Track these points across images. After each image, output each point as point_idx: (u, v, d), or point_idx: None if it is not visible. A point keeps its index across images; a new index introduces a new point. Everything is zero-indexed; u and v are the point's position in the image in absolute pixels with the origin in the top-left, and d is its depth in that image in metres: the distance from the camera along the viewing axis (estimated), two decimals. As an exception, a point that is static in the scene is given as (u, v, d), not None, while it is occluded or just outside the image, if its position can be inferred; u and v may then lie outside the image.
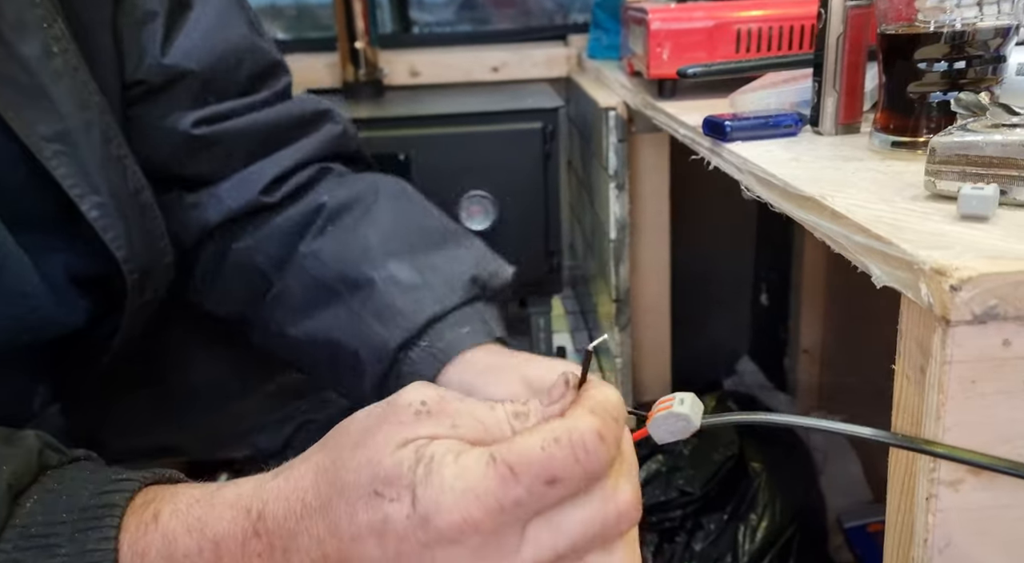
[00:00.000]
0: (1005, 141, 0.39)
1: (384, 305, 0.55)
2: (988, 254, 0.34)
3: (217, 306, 0.66)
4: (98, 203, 0.49)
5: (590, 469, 0.30)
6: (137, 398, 0.68)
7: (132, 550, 0.34)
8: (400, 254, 0.57)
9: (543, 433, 0.30)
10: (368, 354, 0.55)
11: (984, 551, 0.36)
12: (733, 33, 0.79)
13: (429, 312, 0.54)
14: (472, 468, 0.30)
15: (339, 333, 0.56)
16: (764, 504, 1.08)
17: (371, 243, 0.57)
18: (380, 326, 0.54)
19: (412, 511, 0.30)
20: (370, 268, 0.56)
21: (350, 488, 0.31)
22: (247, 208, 0.61)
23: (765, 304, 1.49)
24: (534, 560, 0.30)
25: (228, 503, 0.34)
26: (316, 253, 0.59)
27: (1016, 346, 0.33)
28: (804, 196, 0.46)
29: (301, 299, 0.59)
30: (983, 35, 0.48)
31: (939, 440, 0.34)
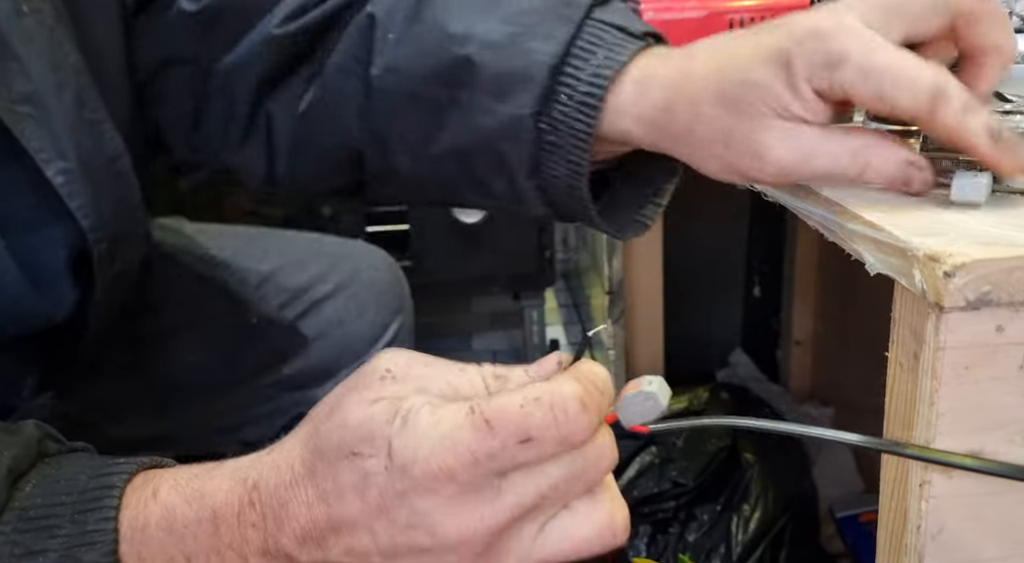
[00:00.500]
0: (998, 128, 0.38)
1: (492, 77, 0.46)
2: (982, 240, 0.33)
3: (315, 185, 0.59)
4: (64, 169, 0.48)
5: (566, 433, 0.30)
6: (126, 387, 0.68)
7: (132, 525, 0.34)
8: (483, 13, 0.48)
9: (525, 392, 0.30)
10: (504, 140, 0.46)
11: (977, 537, 0.36)
12: (725, 23, 0.79)
13: (545, 57, 0.44)
14: (449, 418, 0.30)
15: (461, 139, 0.48)
16: (757, 495, 1.08)
17: (445, 21, 0.48)
18: (501, 103, 0.46)
19: (389, 462, 0.30)
20: (459, 47, 0.47)
21: (328, 452, 0.32)
22: (272, 55, 0.53)
23: (758, 296, 1.50)
24: (516, 505, 0.31)
25: (226, 474, 0.35)
26: (392, 68, 0.49)
27: (1009, 332, 0.33)
28: (797, 184, 0.46)
29: (402, 131, 0.50)
30: (976, 23, 0.48)
31: (932, 426, 0.35)
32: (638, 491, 1.09)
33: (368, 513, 0.31)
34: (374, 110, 0.51)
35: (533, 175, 0.47)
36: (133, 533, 0.34)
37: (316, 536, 0.33)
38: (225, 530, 0.34)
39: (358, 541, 0.32)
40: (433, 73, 0.48)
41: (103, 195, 0.51)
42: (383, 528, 0.32)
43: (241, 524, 0.34)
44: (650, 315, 1.17)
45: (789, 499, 1.10)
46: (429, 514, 0.31)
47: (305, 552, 0.33)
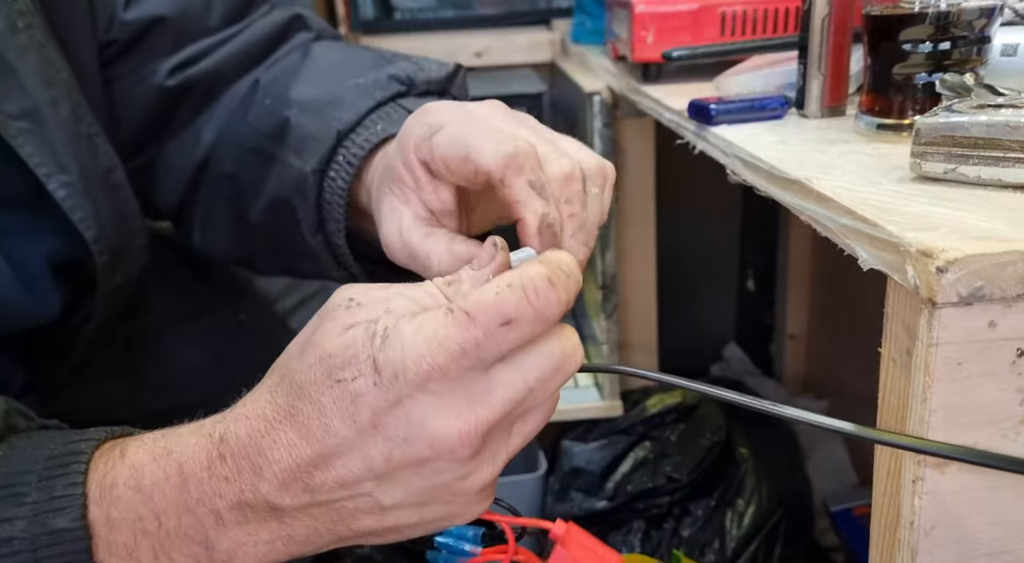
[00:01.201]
0: (990, 122, 0.38)
1: (298, 138, 0.51)
2: (974, 235, 0.33)
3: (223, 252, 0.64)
4: (66, 182, 0.48)
5: (541, 310, 0.31)
6: (114, 387, 0.67)
7: (100, 486, 0.34)
8: (317, 88, 0.53)
9: (496, 281, 0.32)
10: (295, 195, 0.51)
11: (970, 533, 0.36)
12: (718, 16, 0.78)
13: (338, 124, 0.50)
14: (429, 321, 0.31)
15: (274, 191, 0.53)
16: (751, 489, 1.08)
17: (292, 90, 0.54)
18: (297, 159, 0.51)
19: (378, 378, 0.31)
20: (286, 109, 0.53)
21: (309, 387, 0.32)
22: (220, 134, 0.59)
23: (751, 290, 1.49)
24: (506, 398, 0.32)
25: (191, 430, 0.35)
26: (250, 124, 0.56)
27: (1002, 327, 0.33)
28: (790, 179, 0.46)
29: (249, 180, 0.56)
30: (968, 16, 0.47)
31: (925, 422, 0.34)
32: (632, 486, 1.09)
33: (360, 435, 0.31)
34: (239, 159, 0.56)
35: (318, 231, 0.51)
36: (102, 493, 0.34)
37: (301, 476, 0.32)
38: (194, 485, 0.33)
39: (349, 470, 0.32)
40: (268, 131, 0.54)
41: (103, 207, 0.51)
42: (377, 448, 0.32)
43: (212, 478, 0.33)
44: (643, 309, 1.17)
45: (783, 493, 1.10)
46: (425, 420, 0.31)
47: (289, 496, 0.33)
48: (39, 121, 0.47)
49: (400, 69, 0.52)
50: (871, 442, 0.35)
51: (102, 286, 0.52)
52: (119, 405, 0.70)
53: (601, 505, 1.09)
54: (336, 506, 0.33)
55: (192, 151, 0.59)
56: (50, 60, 0.49)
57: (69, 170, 0.48)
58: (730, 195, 1.39)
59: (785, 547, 1.07)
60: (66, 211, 0.48)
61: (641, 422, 1.14)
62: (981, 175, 0.39)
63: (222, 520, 0.34)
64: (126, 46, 0.57)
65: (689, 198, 1.34)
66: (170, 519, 0.34)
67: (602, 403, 1.12)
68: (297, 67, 0.56)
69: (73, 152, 0.49)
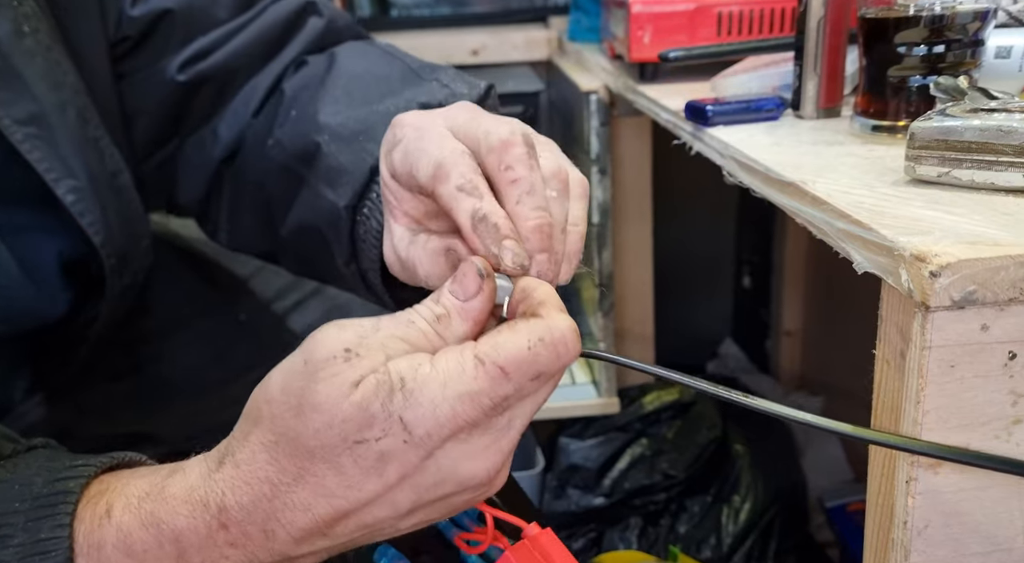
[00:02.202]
0: (983, 126, 0.39)
1: (329, 168, 0.50)
2: (967, 240, 0.34)
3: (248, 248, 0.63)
4: (74, 187, 0.48)
5: (567, 362, 0.32)
6: (117, 387, 0.67)
7: (87, 541, 0.33)
8: (347, 110, 0.52)
9: (527, 333, 0.32)
10: (327, 226, 0.51)
11: (962, 532, 0.36)
12: (714, 16, 0.79)
13: (372, 159, 0.48)
14: (458, 373, 0.31)
15: (303, 215, 0.53)
16: (747, 486, 1.09)
17: (320, 109, 0.53)
18: (330, 191, 0.50)
19: (408, 436, 0.30)
20: (316, 134, 0.52)
21: (322, 451, 0.31)
22: (242, 136, 0.58)
23: (747, 287, 1.50)
24: (524, 424, 0.33)
25: (181, 498, 0.33)
26: (279, 141, 0.55)
27: (994, 330, 0.33)
28: (785, 181, 0.46)
29: (279, 196, 0.55)
30: (962, 19, 0.48)
31: (918, 424, 0.35)
32: (629, 483, 1.10)
33: (389, 488, 0.31)
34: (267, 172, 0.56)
35: (351, 263, 0.51)
36: (89, 550, 0.33)
37: (320, 530, 0.32)
38: (193, 553, 0.33)
39: (373, 516, 0.32)
40: (298, 152, 0.53)
41: (110, 210, 0.51)
42: (404, 495, 0.32)
43: (215, 545, 0.33)
44: (640, 307, 1.17)
45: (779, 490, 1.11)
46: (455, 466, 0.31)
47: (306, 546, 0.33)
48: (47, 126, 0.47)
49: (432, 95, 0.51)
50: (867, 443, 0.35)
51: (110, 288, 0.52)
52: (121, 405, 0.70)
53: (598, 502, 1.10)
54: (355, 541, 0.34)
55: (211, 149, 0.59)
56: (57, 63, 0.49)
57: (77, 175, 0.48)
58: (726, 193, 1.39)
59: (780, 543, 1.07)
60: (75, 215, 0.48)
61: (638, 419, 1.14)
62: (975, 179, 0.40)
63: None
64: (136, 42, 0.56)
65: (686, 196, 1.35)
66: None
67: (599, 400, 1.12)
68: (323, 78, 0.55)
69: (81, 156, 0.49)
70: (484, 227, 0.34)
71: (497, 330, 0.32)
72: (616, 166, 1.06)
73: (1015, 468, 0.31)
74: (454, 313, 0.33)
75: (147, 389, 0.72)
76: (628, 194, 1.09)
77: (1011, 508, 0.36)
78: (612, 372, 1.12)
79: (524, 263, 0.35)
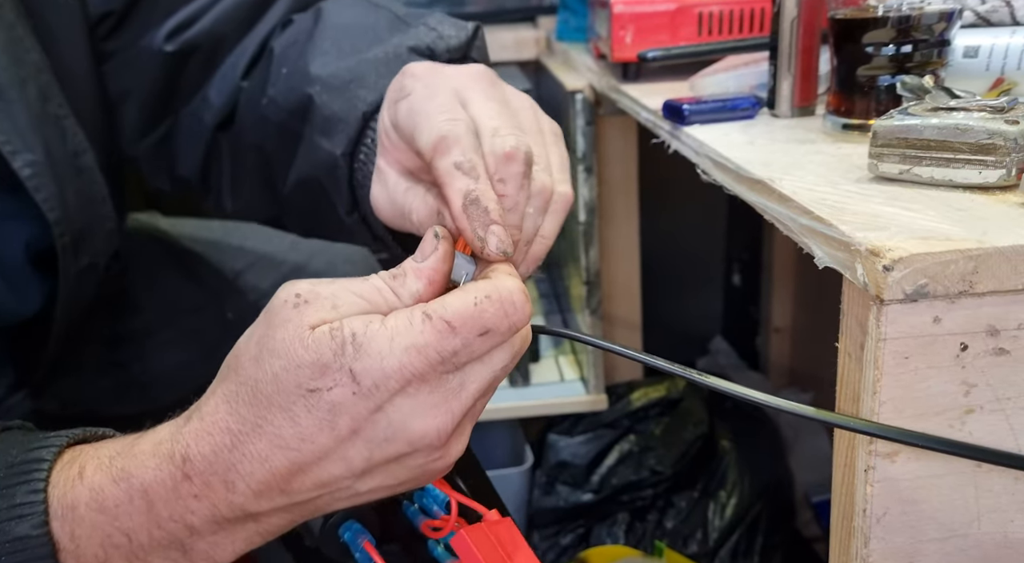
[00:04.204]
0: (941, 125, 0.40)
1: (324, 118, 0.51)
2: (920, 235, 0.35)
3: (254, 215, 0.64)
4: (31, 161, 0.48)
5: (515, 322, 0.33)
6: (102, 384, 0.68)
7: (61, 503, 0.34)
8: (337, 61, 0.52)
9: (474, 291, 0.33)
10: (326, 177, 0.51)
11: (919, 519, 0.37)
12: (695, 16, 0.79)
13: (364, 105, 0.49)
14: (406, 327, 0.32)
15: (302, 170, 0.53)
16: (733, 481, 1.10)
17: (310, 61, 0.53)
18: (325, 140, 0.50)
19: (357, 387, 0.31)
20: (308, 86, 0.52)
21: (278, 397, 0.32)
22: (233, 99, 0.58)
23: (737, 284, 1.51)
24: (478, 390, 0.34)
25: (148, 452, 0.34)
26: (273, 99, 0.55)
27: (946, 323, 0.34)
28: (754, 179, 0.47)
29: (277, 154, 0.56)
30: (928, 19, 0.49)
31: (875, 414, 0.36)
32: (616, 479, 1.11)
33: (340, 441, 0.32)
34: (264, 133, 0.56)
35: (353, 211, 0.51)
36: (64, 512, 0.34)
37: (277, 484, 0.33)
38: (161, 506, 0.34)
39: (329, 473, 0.33)
40: (293, 108, 0.53)
41: (68, 189, 0.51)
42: (357, 450, 0.32)
43: (179, 498, 0.33)
44: (628, 304, 1.18)
45: (765, 485, 1.12)
46: (404, 421, 0.32)
47: (265, 501, 0.33)
48: (6, 99, 0.47)
49: (419, 39, 0.52)
50: (830, 426, 0.36)
51: (64, 268, 0.52)
52: (108, 402, 0.71)
53: (587, 498, 1.11)
54: (314, 502, 0.35)
55: (204, 116, 0.59)
56: (19, 40, 0.49)
57: (34, 149, 0.48)
58: (716, 191, 1.39)
59: (767, 538, 1.08)
60: (30, 190, 0.48)
61: (626, 416, 1.15)
62: (934, 176, 0.41)
63: (196, 530, 0.34)
64: (121, 17, 0.57)
65: (675, 193, 1.36)
66: (140, 535, 0.34)
67: (587, 397, 1.13)
68: (311, 32, 0.55)
69: (40, 132, 0.49)
70: (475, 209, 0.36)
71: (448, 293, 0.34)
72: (602, 164, 1.07)
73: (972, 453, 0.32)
74: (410, 272, 0.35)
75: (134, 386, 0.72)
76: (614, 192, 1.10)
77: (966, 496, 0.37)
78: (600, 369, 1.13)
79: (508, 251, 0.36)
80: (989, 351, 0.35)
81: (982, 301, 0.34)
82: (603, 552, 1.04)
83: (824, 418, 0.34)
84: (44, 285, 0.52)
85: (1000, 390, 0.35)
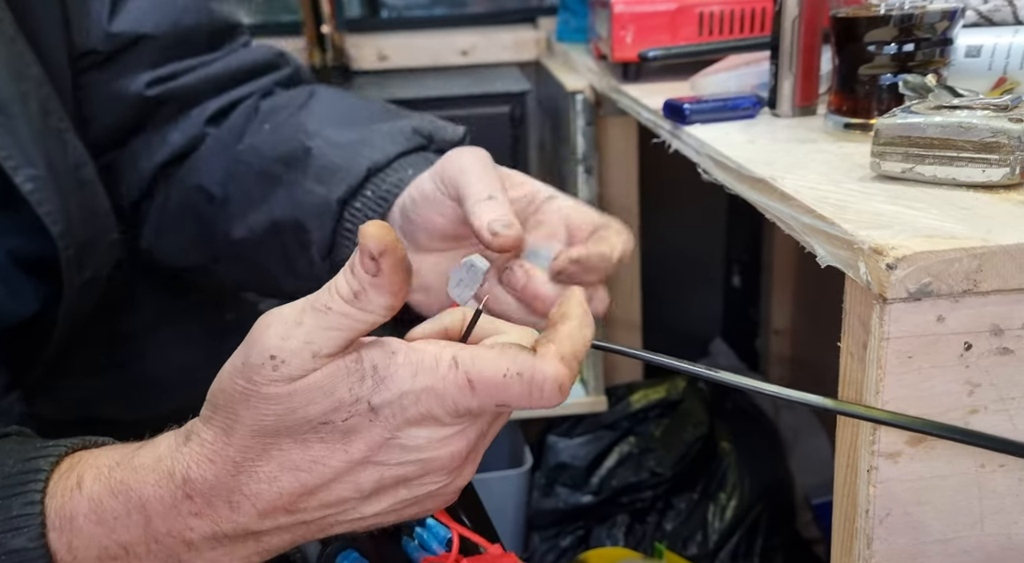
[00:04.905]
0: (944, 123, 0.39)
1: (321, 167, 0.53)
2: (924, 233, 0.34)
3: (174, 256, 0.65)
4: (33, 176, 0.48)
5: (538, 406, 0.32)
6: (99, 386, 0.68)
7: (59, 514, 0.34)
8: (338, 126, 0.55)
9: (509, 360, 0.31)
10: (311, 218, 0.53)
11: (922, 520, 0.37)
12: (696, 16, 0.79)
13: (368, 161, 0.52)
14: (431, 368, 0.31)
15: (280, 211, 0.54)
16: (733, 483, 1.10)
17: (307, 123, 0.56)
18: (320, 186, 0.52)
19: (374, 416, 0.31)
20: (306, 139, 0.54)
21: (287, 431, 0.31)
22: (192, 142, 0.60)
23: (737, 285, 1.51)
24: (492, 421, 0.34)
25: (148, 467, 0.34)
26: (254, 147, 0.57)
27: (950, 322, 0.34)
28: (756, 178, 0.47)
29: (243, 197, 0.57)
30: (930, 18, 0.49)
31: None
32: (617, 481, 1.10)
33: (352, 465, 0.32)
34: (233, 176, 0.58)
35: (327, 257, 0.53)
36: (62, 523, 0.34)
37: (284, 504, 0.33)
38: (160, 521, 0.33)
39: (337, 495, 0.33)
40: (281, 156, 0.55)
41: (71, 202, 0.51)
42: (368, 474, 0.32)
43: (179, 515, 0.33)
44: (628, 305, 1.18)
45: (765, 487, 1.11)
46: (419, 449, 0.32)
47: (269, 521, 0.33)
48: (8, 114, 0.47)
49: (421, 125, 0.56)
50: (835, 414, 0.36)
51: (68, 280, 0.52)
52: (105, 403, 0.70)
53: (586, 500, 1.11)
54: (318, 523, 0.34)
55: (155, 153, 0.61)
56: (20, 54, 0.49)
57: (36, 164, 0.48)
58: (715, 192, 1.39)
59: (767, 540, 1.08)
60: (32, 205, 0.48)
61: (625, 418, 1.15)
62: (937, 174, 0.40)
63: (195, 547, 0.34)
64: (107, 58, 0.57)
65: (675, 195, 1.35)
66: (138, 548, 0.34)
67: (587, 399, 1.13)
68: (305, 103, 0.58)
69: (41, 146, 0.49)
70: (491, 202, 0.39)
71: (489, 343, 0.33)
72: (602, 165, 1.07)
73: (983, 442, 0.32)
74: (369, 288, 0.31)
75: (133, 387, 0.72)
76: (615, 193, 1.10)
77: (969, 497, 0.37)
78: (600, 371, 1.13)
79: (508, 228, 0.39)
80: (993, 350, 0.34)
81: (986, 300, 0.34)
82: (603, 554, 1.04)
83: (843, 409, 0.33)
84: (40, 288, 0.52)
85: (1004, 390, 0.35)
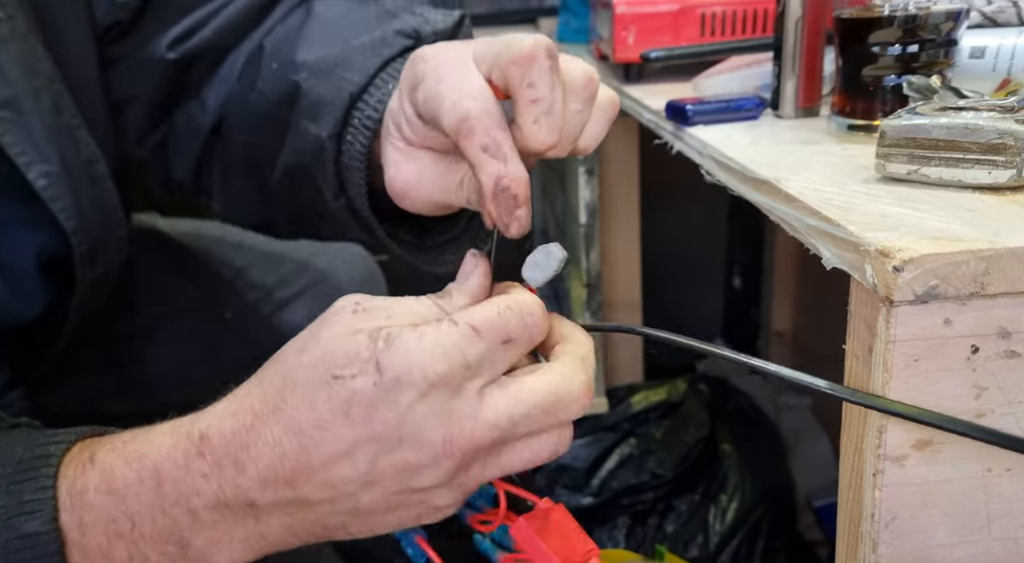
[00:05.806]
0: (950, 124, 0.39)
1: (310, 102, 0.51)
2: (930, 235, 0.34)
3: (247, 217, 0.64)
4: (47, 172, 0.48)
5: (534, 333, 0.35)
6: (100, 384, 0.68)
7: (70, 492, 0.34)
8: (324, 49, 0.52)
9: (496, 303, 0.34)
10: (313, 161, 0.51)
11: (929, 524, 0.37)
12: (697, 17, 0.79)
13: (350, 86, 0.49)
14: (432, 331, 0.33)
15: (295, 156, 0.53)
16: (734, 485, 1.10)
17: (298, 52, 0.53)
18: (312, 124, 0.50)
19: (379, 378, 0.32)
20: (295, 74, 0.52)
21: (304, 382, 0.33)
22: (229, 101, 0.59)
23: (738, 287, 1.51)
24: (493, 421, 0.33)
25: (166, 432, 0.35)
26: (261, 92, 0.55)
27: (957, 325, 0.34)
28: (759, 179, 0.46)
29: (267, 148, 0.55)
30: (935, 19, 0.48)
31: (885, 417, 0.35)
32: (617, 483, 1.10)
33: (352, 433, 0.32)
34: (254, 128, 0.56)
35: (340, 196, 0.51)
36: (72, 500, 0.34)
37: (284, 473, 0.33)
38: (170, 486, 0.33)
39: (334, 471, 0.32)
40: (280, 97, 0.53)
41: (84, 198, 0.51)
42: (364, 449, 0.32)
43: (189, 476, 0.33)
44: (629, 307, 1.18)
45: (766, 489, 1.11)
46: (417, 427, 0.32)
47: (269, 492, 0.33)
48: (20, 111, 0.47)
49: (405, 23, 0.52)
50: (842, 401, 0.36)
51: (81, 276, 0.52)
52: (105, 402, 0.70)
53: (587, 501, 1.10)
54: (315, 508, 0.34)
55: (200, 119, 0.59)
56: (32, 50, 0.49)
57: (50, 160, 0.48)
58: (717, 193, 1.39)
59: (768, 542, 1.08)
60: (46, 201, 0.48)
61: (626, 419, 1.15)
62: (942, 176, 0.40)
63: (199, 519, 0.34)
64: (129, 25, 0.57)
65: (677, 196, 1.35)
66: (144, 521, 0.34)
67: (588, 400, 1.13)
68: (300, 27, 0.56)
69: (54, 143, 0.49)
70: (504, 196, 0.36)
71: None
72: (604, 166, 1.07)
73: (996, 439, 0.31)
74: (453, 290, 0.37)
75: (134, 385, 0.72)
76: (616, 194, 1.10)
77: (976, 501, 0.36)
78: (600, 372, 1.13)
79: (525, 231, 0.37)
80: (1000, 353, 0.34)
81: (993, 303, 0.33)
82: (603, 556, 1.03)
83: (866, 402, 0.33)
84: (48, 290, 0.52)
85: (1012, 393, 0.35)
